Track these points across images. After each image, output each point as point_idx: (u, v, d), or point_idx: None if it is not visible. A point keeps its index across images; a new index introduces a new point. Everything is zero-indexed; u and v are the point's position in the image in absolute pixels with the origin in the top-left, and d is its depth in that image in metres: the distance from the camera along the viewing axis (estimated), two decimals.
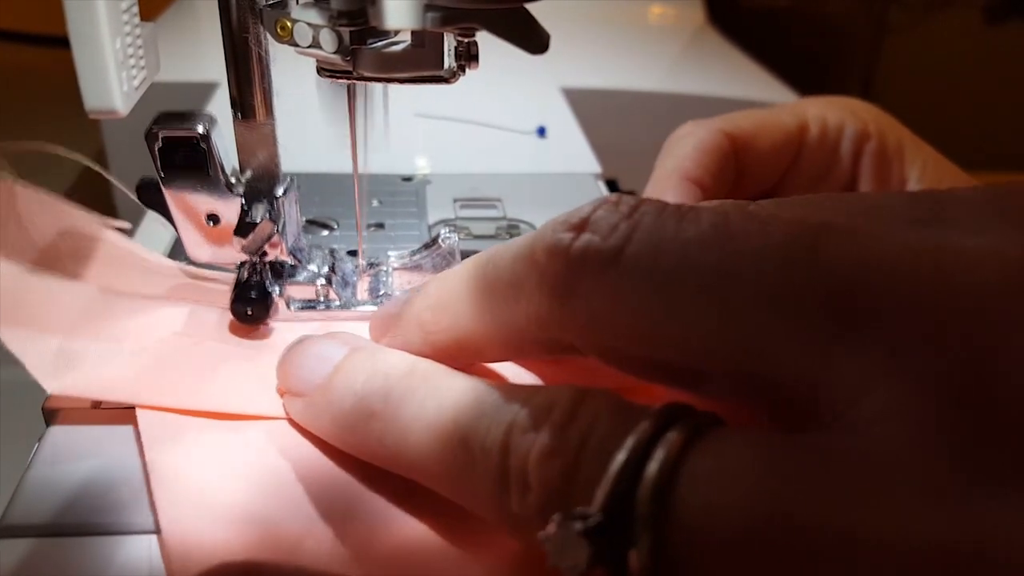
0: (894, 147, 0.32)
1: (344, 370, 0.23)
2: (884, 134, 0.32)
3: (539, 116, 0.58)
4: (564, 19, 0.87)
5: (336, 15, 0.24)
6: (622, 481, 0.16)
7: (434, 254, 0.32)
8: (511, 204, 0.45)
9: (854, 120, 0.32)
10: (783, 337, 0.16)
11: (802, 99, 0.34)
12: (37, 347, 0.25)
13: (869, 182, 0.32)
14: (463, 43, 0.25)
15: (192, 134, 0.27)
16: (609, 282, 0.18)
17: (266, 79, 0.28)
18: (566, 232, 0.19)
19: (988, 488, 0.13)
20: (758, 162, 0.32)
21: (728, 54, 0.84)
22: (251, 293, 0.30)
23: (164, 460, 0.23)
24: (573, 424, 0.17)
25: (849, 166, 0.32)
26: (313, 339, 0.25)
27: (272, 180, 0.30)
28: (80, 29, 0.22)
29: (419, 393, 0.20)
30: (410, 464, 0.20)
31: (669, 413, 0.17)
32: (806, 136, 0.32)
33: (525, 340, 0.21)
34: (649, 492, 0.15)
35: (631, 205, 0.18)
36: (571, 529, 0.15)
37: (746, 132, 0.31)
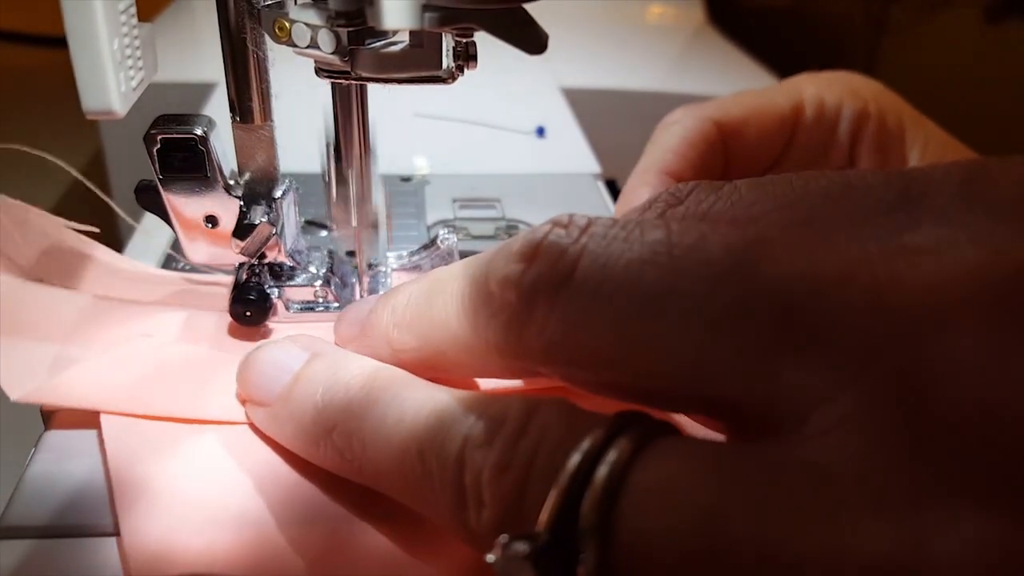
0: (894, 127, 0.31)
1: (304, 379, 0.22)
2: (884, 114, 0.31)
3: (538, 116, 0.58)
4: (563, 19, 0.87)
5: (334, 15, 0.24)
6: (569, 495, 0.15)
7: (433, 255, 0.32)
8: (510, 204, 0.45)
9: (853, 99, 0.31)
10: (727, 355, 0.16)
11: (800, 76, 0.33)
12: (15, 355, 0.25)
13: (868, 164, 0.31)
14: (461, 43, 0.25)
15: (190, 136, 0.27)
16: (560, 310, 0.18)
17: (264, 80, 0.28)
18: (517, 263, 0.18)
19: (932, 504, 0.13)
20: (749, 149, 0.31)
21: (727, 54, 0.84)
22: (250, 295, 0.30)
23: (127, 466, 0.23)
24: (524, 437, 0.17)
25: (847, 148, 0.32)
26: (272, 346, 0.24)
27: (270, 182, 0.30)
28: (78, 30, 0.22)
29: (378, 406, 0.20)
30: (371, 477, 0.20)
31: (618, 422, 0.16)
32: (801, 118, 0.31)
33: (489, 364, 0.21)
34: (594, 507, 0.15)
35: (580, 228, 0.18)
36: (516, 551, 0.15)
37: (737, 119, 0.31)
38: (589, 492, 0.15)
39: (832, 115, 0.32)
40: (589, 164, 0.52)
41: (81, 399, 0.25)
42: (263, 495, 0.22)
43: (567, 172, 0.50)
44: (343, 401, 0.21)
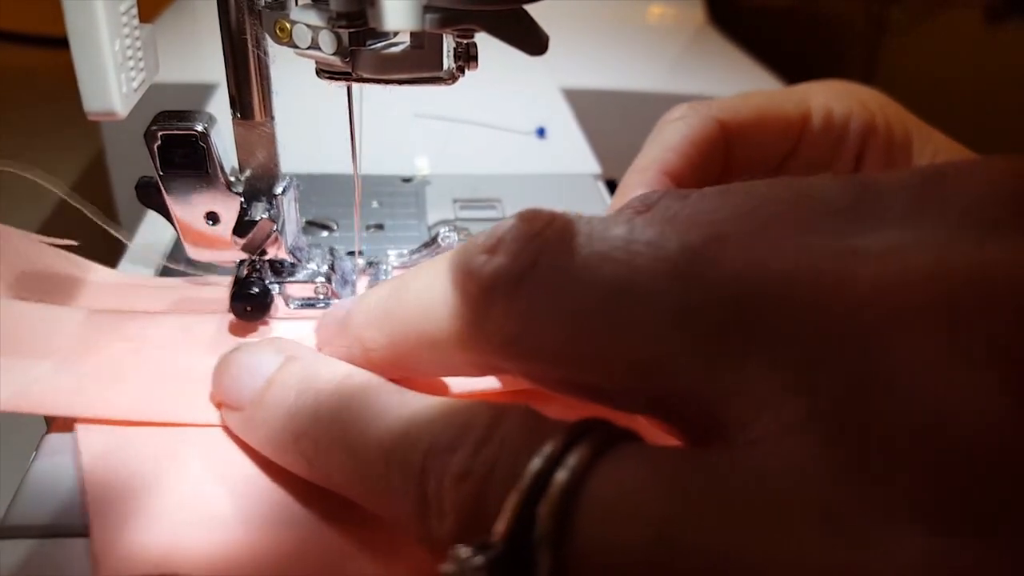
0: (901, 139, 0.31)
1: (276, 384, 0.22)
2: (891, 126, 0.31)
3: (539, 116, 0.58)
4: (564, 19, 0.87)
5: (335, 16, 0.24)
6: (526, 503, 0.15)
7: (434, 253, 0.33)
8: (510, 205, 0.45)
9: (861, 111, 0.31)
10: (678, 353, 0.15)
11: (809, 84, 0.33)
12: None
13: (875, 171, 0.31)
14: (462, 44, 0.25)
15: (191, 132, 0.27)
16: (519, 303, 0.18)
17: (265, 78, 0.28)
18: (480, 254, 0.18)
19: (878, 519, 0.13)
20: (752, 151, 0.31)
21: (728, 54, 0.84)
22: (251, 290, 0.30)
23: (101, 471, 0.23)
24: (487, 445, 0.17)
25: (853, 160, 0.31)
26: (247, 349, 0.24)
27: (271, 179, 0.30)
28: (79, 31, 0.23)
29: (346, 413, 0.20)
30: (338, 485, 0.20)
31: (578, 429, 0.16)
32: (807, 126, 0.31)
33: (453, 360, 0.21)
34: (549, 514, 0.15)
35: (544, 222, 0.18)
36: (471, 563, 0.15)
37: (742, 121, 0.30)
38: (545, 499, 0.15)
39: (840, 126, 0.31)
40: (589, 164, 0.52)
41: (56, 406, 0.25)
42: (237, 497, 0.22)
43: (567, 172, 0.51)
44: (312, 407, 0.21)
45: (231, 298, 0.30)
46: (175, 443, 0.24)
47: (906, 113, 0.32)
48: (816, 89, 0.32)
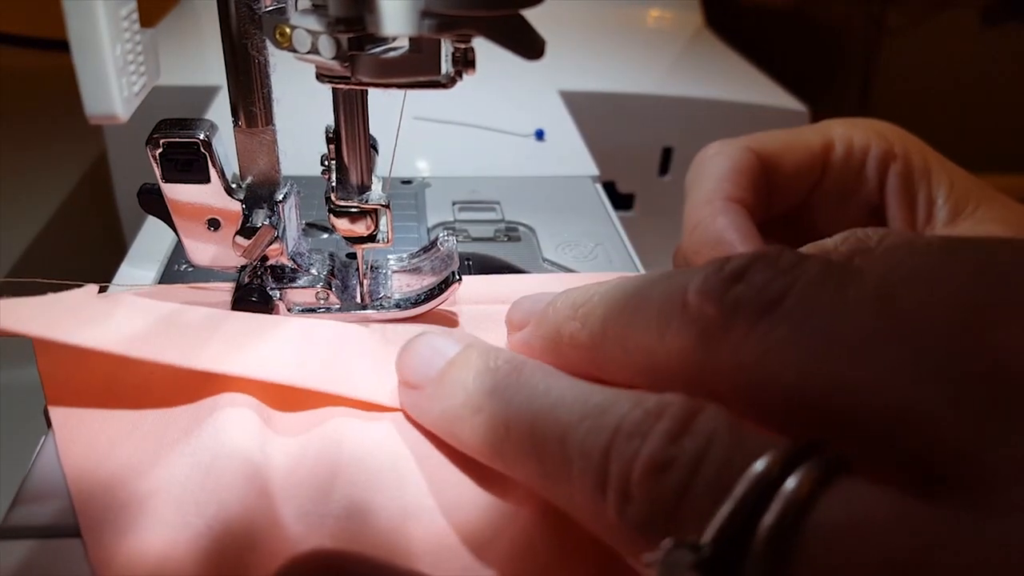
0: (920, 168, 0.32)
1: (456, 365, 0.23)
2: (909, 155, 0.32)
3: (537, 119, 0.58)
4: (562, 22, 0.87)
5: (334, 22, 0.24)
6: (738, 517, 0.15)
7: (433, 257, 0.33)
8: (509, 207, 0.45)
9: (879, 141, 0.32)
10: (940, 405, 0.15)
11: (827, 120, 0.34)
12: None
13: (896, 202, 0.32)
14: (460, 49, 0.26)
15: (193, 140, 0.27)
16: (760, 333, 0.18)
17: (266, 85, 0.28)
18: (721, 280, 0.19)
19: None
20: (785, 181, 0.32)
21: (726, 57, 0.85)
22: (252, 296, 0.30)
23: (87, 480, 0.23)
24: (687, 438, 0.17)
25: (875, 186, 0.33)
26: (431, 334, 0.26)
27: (272, 185, 0.30)
28: (80, 35, 0.23)
29: (524, 390, 0.21)
30: (510, 461, 0.21)
31: (798, 448, 0.16)
32: (831, 155, 0.32)
33: (662, 375, 0.21)
34: (769, 536, 0.15)
35: (792, 261, 0.19)
36: (681, 558, 0.15)
37: (772, 151, 0.32)
38: (764, 520, 0.15)
39: (860, 154, 0.33)
40: (587, 167, 0.52)
41: None
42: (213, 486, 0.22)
43: (566, 175, 0.51)
44: (491, 385, 0.22)
45: (232, 304, 0.30)
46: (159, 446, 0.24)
47: (922, 144, 0.33)
48: (835, 123, 0.34)
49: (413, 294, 0.32)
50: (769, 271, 0.18)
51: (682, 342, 0.19)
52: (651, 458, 0.17)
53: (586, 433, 0.18)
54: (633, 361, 0.21)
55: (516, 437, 0.20)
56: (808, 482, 0.15)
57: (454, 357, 0.24)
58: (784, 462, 0.15)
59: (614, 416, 0.18)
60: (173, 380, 0.26)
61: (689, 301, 0.19)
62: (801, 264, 0.18)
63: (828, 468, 0.15)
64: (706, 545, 0.15)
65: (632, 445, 0.17)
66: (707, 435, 0.17)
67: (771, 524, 0.15)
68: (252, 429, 0.24)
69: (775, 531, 0.15)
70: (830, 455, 0.16)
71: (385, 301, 0.32)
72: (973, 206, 0.31)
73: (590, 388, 0.20)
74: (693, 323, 0.19)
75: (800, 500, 0.15)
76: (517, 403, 0.21)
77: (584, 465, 0.18)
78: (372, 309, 0.31)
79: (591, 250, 0.41)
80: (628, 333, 0.21)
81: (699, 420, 0.17)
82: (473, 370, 0.23)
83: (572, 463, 0.18)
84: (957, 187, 0.32)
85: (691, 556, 0.15)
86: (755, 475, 0.15)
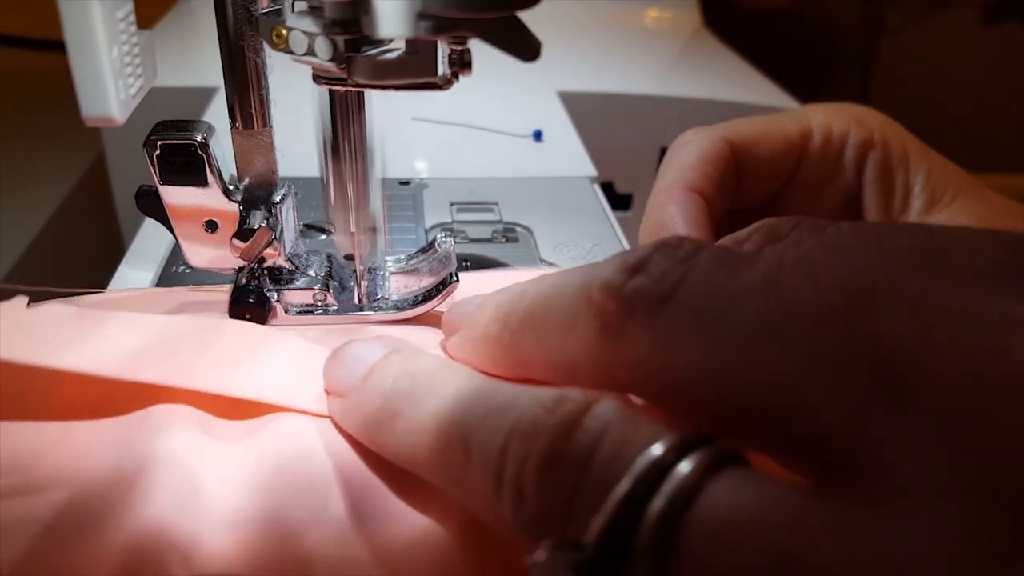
0: (899, 156, 0.32)
1: (377, 371, 0.23)
2: (889, 143, 0.32)
3: (535, 120, 0.58)
4: (560, 23, 0.87)
5: (330, 23, 0.24)
6: (624, 511, 0.15)
7: (431, 258, 0.33)
8: (507, 208, 0.45)
9: (859, 128, 0.32)
10: (822, 394, 0.15)
11: (807, 105, 0.34)
12: None
13: (873, 191, 0.32)
14: (456, 51, 0.26)
15: (190, 142, 0.27)
16: (657, 325, 0.18)
17: (263, 87, 0.29)
18: (622, 272, 0.19)
19: None
20: (759, 169, 0.32)
21: (724, 57, 0.85)
22: (249, 297, 0.30)
23: None
24: (578, 433, 0.17)
25: (853, 175, 0.32)
26: (357, 341, 0.25)
27: (270, 187, 0.30)
28: (76, 37, 0.23)
29: (436, 393, 0.21)
30: (422, 466, 0.21)
31: (688, 439, 0.16)
32: (809, 144, 0.32)
33: (579, 372, 0.21)
34: (651, 530, 0.14)
35: (688, 251, 0.18)
36: (560, 559, 0.14)
37: (747, 139, 0.31)
38: (650, 511, 0.14)
39: (839, 141, 0.32)
40: (585, 167, 0.52)
41: None
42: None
43: (564, 175, 0.51)
44: (408, 390, 0.22)
45: (230, 305, 0.30)
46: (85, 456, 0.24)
47: (903, 131, 0.33)
48: (814, 109, 0.33)
49: (411, 295, 0.32)
50: (667, 262, 0.18)
51: (587, 337, 0.19)
52: (543, 456, 0.17)
53: (486, 433, 0.18)
54: (551, 359, 0.21)
55: (427, 441, 0.20)
56: (693, 475, 0.15)
57: (375, 363, 0.23)
58: (672, 454, 0.15)
59: (512, 415, 0.18)
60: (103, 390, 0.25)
61: (593, 297, 0.19)
62: (697, 254, 0.18)
63: (716, 460, 0.15)
64: (588, 545, 0.15)
65: (526, 443, 0.17)
66: (598, 430, 0.16)
67: (652, 520, 0.14)
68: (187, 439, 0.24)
69: (657, 529, 0.14)
70: (720, 447, 0.16)
71: (383, 302, 0.32)
72: (950, 196, 0.31)
73: (498, 388, 0.19)
74: (596, 317, 0.19)
75: (682, 493, 0.15)
76: (429, 407, 0.20)
77: (483, 466, 0.18)
78: (370, 310, 0.31)
79: (589, 251, 0.41)
80: (544, 330, 0.21)
81: (591, 415, 0.17)
82: (392, 376, 0.22)
83: (473, 464, 0.18)
84: (935, 176, 0.31)
85: (572, 557, 0.14)
86: (641, 470, 0.15)
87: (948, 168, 0.32)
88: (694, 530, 0.14)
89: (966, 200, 0.30)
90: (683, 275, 0.18)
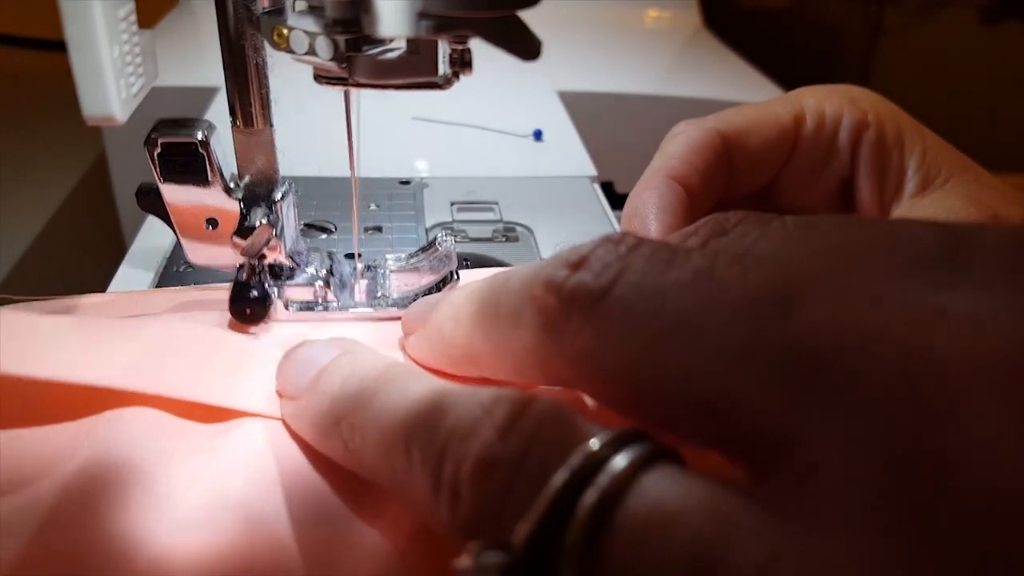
0: (893, 136, 0.31)
1: (326, 373, 0.23)
2: (883, 123, 0.31)
3: (535, 120, 0.59)
4: (560, 23, 0.87)
5: (331, 23, 0.24)
6: (554, 511, 0.14)
7: (431, 257, 0.33)
8: (508, 207, 0.46)
9: (852, 109, 0.32)
10: (744, 390, 0.15)
11: (800, 89, 0.33)
12: None
13: (867, 173, 0.31)
14: (457, 50, 0.26)
15: (191, 140, 0.28)
16: (594, 321, 0.18)
17: (264, 85, 0.29)
18: (563, 268, 0.19)
19: None
20: (752, 159, 0.32)
21: (724, 57, 0.85)
22: (250, 293, 0.30)
23: None
24: (512, 434, 0.16)
25: (847, 157, 0.32)
26: (309, 343, 0.25)
27: (270, 185, 0.30)
28: (78, 37, 0.23)
29: (381, 396, 0.20)
30: (367, 469, 0.20)
31: (620, 437, 0.15)
32: (802, 129, 0.32)
33: (526, 368, 0.21)
34: (580, 528, 0.14)
35: (629, 245, 0.18)
36: (487, 562, 0.14)
37: (740, 129, 0.31)
38: (578, 511, 0.14)
39: (832, 124, 0.32)
40: (585, 167, 0.52)
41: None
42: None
43: (564, 175, 0.51)
44: (355, 393, 0.21)
45: (230, 301, 0.30)
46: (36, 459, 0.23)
47: (898, 111, 0.32)
48: (807, 92, 0.33)
49: (411, 293, 0.32)
50: (607, 257, 0.18)
51: (531, 334, 0.19)
52: (477, 457, 0.16)
53: (426, 436, 0.18)
54: (500, 357, 0.21)
55: (371, 444, 0.20)
56: (623, 473, 0.15)
57: (325, 365, 0.23)
58: (604, 452, 0.15)
59: (452, 417, 0.18)
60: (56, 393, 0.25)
61: (536, 294, 0.19)
62: (637, 248, 0.18)
63: (646, 458, 0.15)
64: (516, 546, 0.14)
65: (463, 445, 0.17)
66: (532, 430, 0.16)
67: (579, 524, 0.14)
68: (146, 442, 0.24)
69: (585, 529, 0.14)
70: (652, 444, 0.15)
71: (383, 300, 0.32)
72: (944, 177, 0.30)
73: (441, 390, 0.19)
74: (539, 314, 0.19)
75: (610, 492, 0.14)
76: (374, 410, 0.20)
77: (423, 469, 0.18)
78: (370, 308, 0.32)
79: None
80: (491, 328, 0.21)
81: (526, 415, 0.17)
82: (340, 378, 0.22)
83: (414, 468, 0.18)
84: (929, 157, 0.31)
85: (501, 559, 0.14)
86: (572, 468, 0.15)
87: (943, 148, 0.31)
88: (618, 530, 0.14)
89: (959, 181, 0.30)
90: (621, 270, 0.18)
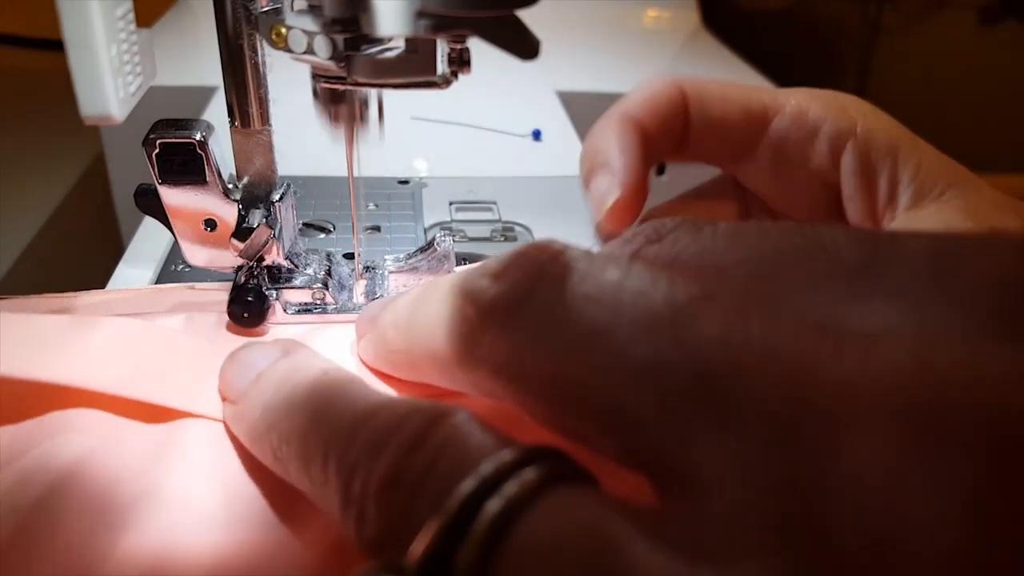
0: (884, 147, 0.31)
1: (262, 378, 0.22)
2: (872, 134, 0.31)
3: (534, 119, 0.59)
4: (559, 22, 0.87)
5: (330, 22, 0.24)
6: (450, 532, 0.14)
7: (430, 257, 0.33)
8: (506, 207, 0.45)
9: (839, 117, 0.31)
10: (644, 408, 0.15)
11: (791, 88, 0.33)
12: None
13: (853, 182, 0.31)
14: (456, 49, 0.26)
15: (189, 141, 0.27)
16: (508, 335, 0.17)
17: (262, 85, 0.29)
18: (484, 279, 0.18)
19: None
20: (710, 127, 0.31)
21: (723, 57, 0.85)
22: (248, 296, 0.30)
23: None
24: (418, 451, 0.16)
25: (827, 163, 0.31)
26: (250, 346, 0.24)
27: (269, 185, 0.30)
28: (75, 36, 0.23)
29: (310, 405, 0.20)
30: (294, 479, 0.20)
31: (526, 454, 0.15)
32: (771, 118, 0.31)
33: (455, 379, 0.20)
34: (474, 548, 0.14)
35: (549, 254, 0.18)
36: None
37: (704, 93, 0.31)
38: (473, 530, 0.14)
39: (812, 126, 0.31)
40: None
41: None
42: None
43: (563, 175, 0.51)
44: (286, 401, 0.21)
45: (228, 304, 0.30)
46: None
47: (893, 122, 0.32)
48: (797, 92, 0.32)
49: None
50: (523, 268, 0.18)
51: (454, 344, 0.19)
52: (384, 474, 0.16)
53: (341, 450, 0.17)
54: (435, 367, 0.21)
55: (295, 455, 0.19)
56: (519, 493, 0.14)
57: (263, 370, 0.23)
58: (505, 472, 0.15)
59: (368, 430, 0.17)
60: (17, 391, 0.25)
61: (458, 305, 0.19)
62: (556, 259, 0.18)
63: (549, 477, 0.15)
64: (410, 567, 0.14)
65: (372, 461, 0.16)
66: (437, 447, 0.16)
67: (473, 541, 0.14)
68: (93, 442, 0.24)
69: (476, 551, 0.14)
70: (555, 463, 0.15)
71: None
72: (940, 189, 0.30)
73: (368, 401, 0.19)
74: (461, 324, 0.19)
75: (505, 514, 0.14)
76: (300, 419, 0.20)
77: (336, 483, 0.17)
78: None
79: None
80: (424, 336, 0.21)
81: (436, 430, 0.16)
82: (274, 385, 0.22)
83: (329, 481, 0.17)
84: (925, 169, 0.30)
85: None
86: (468, 488, 0.14)
87: (940, 161, 0.31)
88: (512, 551, 0.14)
89: (956, 193, 0.30)
90: (537, 282, 0.17)
